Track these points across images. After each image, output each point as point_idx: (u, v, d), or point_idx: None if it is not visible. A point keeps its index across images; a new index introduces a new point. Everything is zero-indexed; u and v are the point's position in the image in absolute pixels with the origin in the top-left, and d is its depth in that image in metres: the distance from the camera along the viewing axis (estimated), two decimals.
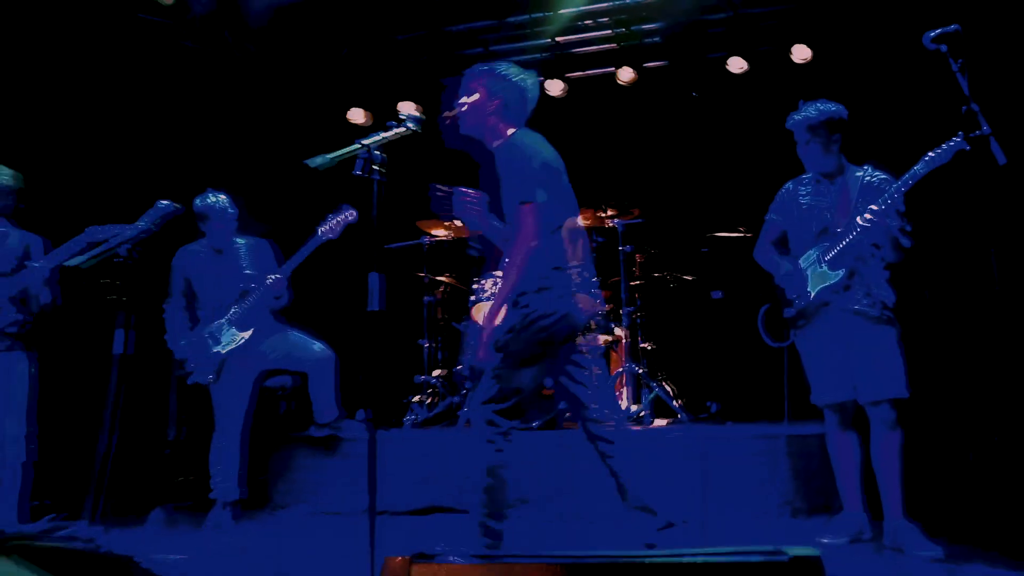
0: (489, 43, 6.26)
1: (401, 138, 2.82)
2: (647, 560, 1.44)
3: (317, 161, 2.54)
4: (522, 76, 3.00)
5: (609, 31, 6.14)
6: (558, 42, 6.21)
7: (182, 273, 4.39)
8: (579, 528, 3.80)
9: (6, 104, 4.84)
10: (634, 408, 5.14)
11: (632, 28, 6.07)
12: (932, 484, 3.53)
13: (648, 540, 2.81)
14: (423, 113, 3.16)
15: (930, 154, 2.87)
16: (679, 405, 5.17)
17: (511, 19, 6.08)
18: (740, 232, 5.31)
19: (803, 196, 3.33)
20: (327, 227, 4.11)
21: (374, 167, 2.78)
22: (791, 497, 3.79)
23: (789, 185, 3.40)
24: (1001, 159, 2.53)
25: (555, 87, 6.29)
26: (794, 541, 3.16)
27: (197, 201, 4.29)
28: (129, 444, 4.04)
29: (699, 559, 1.46)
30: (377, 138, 2.81)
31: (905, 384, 3.05)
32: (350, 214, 4.12)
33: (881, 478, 3.10)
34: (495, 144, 2.98)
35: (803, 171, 3.38)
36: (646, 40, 6.12)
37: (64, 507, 4.24)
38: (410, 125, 2.84)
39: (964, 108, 2.55)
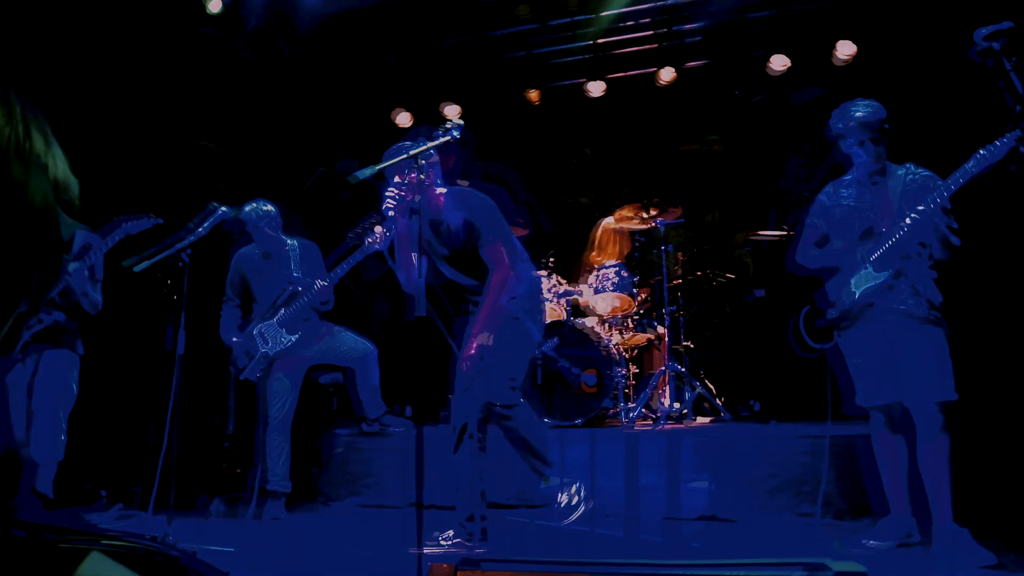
0: (532, 47, 6.22)
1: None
2: (690, 572, 1.40)
3: (365, 172, 2.55)
4: (427, 143, 3.09)
5: (650, 31, 6.05)
6: (599, 43, 6.14)
7: (238, 274, 4.49)
8: (618, 523, 3.76)
9: (72, 112, 4.99)
10: (676, 406, 5.07)
11: (673, 28, 5.97)
12: (983, 489, 3.39)
13: (693, 541, 2.80)
14: (466, 117, 3.17)
15: (982, 151, 2.73)
16: (721, 404, 5.08)
17: (553, 23, 6.04)
18: (783, 231, 5.18)
19: (845, 199, 3.20)
20: (374, 239, 4.12)
21: (422, 176, 2.79)
22: (835, 498, 3.68)
23: (829, 188, 3.28)
24: None
25: (596, 88, 6.23)
26: (837, 542, 3.07)
27: (244, 209, 4.35)
28: (189, 437, 4.14)
29: (741, 572, 1.41)
30: (421, 148, 2.81)
31: (953, 387, 2.93)
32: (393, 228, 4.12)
33: (929, 482, 2.98)
34: (441, 204, 3.33)
35: (842, 172, 3.27)
36: (687, 40, 6.01)
37: (120, 497, 4.35)
38: (454, 133, 2.84)
39: (1019, 107, 2.42)
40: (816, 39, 5.67)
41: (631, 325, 5.37)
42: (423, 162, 2.76)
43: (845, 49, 5.56)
